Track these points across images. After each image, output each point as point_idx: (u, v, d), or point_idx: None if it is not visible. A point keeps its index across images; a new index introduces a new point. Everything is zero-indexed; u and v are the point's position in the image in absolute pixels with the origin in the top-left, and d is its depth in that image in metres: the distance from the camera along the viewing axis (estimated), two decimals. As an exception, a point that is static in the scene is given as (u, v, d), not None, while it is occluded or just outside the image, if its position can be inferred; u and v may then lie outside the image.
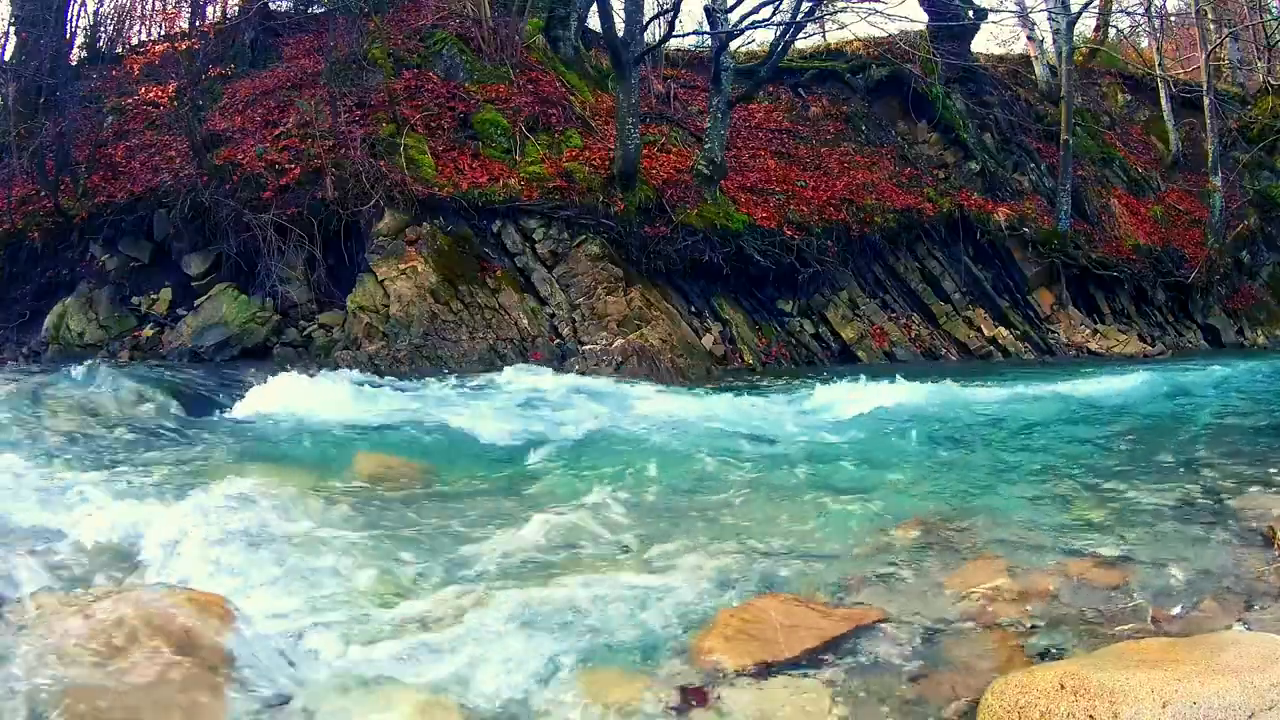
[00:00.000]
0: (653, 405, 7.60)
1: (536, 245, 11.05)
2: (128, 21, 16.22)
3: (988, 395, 8.51)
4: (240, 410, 7.21)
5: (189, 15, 16.15)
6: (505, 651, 2.90)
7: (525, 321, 10.51)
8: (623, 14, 12.22)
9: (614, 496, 4.84)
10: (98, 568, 3.48)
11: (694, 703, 2.67)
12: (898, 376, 9.04)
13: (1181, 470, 5.24)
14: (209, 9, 16.47)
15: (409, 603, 3.31)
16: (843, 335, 12.92)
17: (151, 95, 12.87)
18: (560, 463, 5.76)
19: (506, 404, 7.58)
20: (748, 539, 4.08)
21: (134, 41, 15.99)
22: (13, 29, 13.14)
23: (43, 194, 11.60)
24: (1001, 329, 14.06)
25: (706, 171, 12.41)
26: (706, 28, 13.56)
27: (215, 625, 2.64)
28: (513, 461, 5.84)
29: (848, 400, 8.00)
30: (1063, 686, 2.32)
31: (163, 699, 2.36)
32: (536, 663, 2.84)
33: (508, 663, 2.83)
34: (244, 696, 2.47)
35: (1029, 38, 18.75)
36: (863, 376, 9.36)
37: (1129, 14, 23.64)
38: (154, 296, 11.23)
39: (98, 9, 19.27)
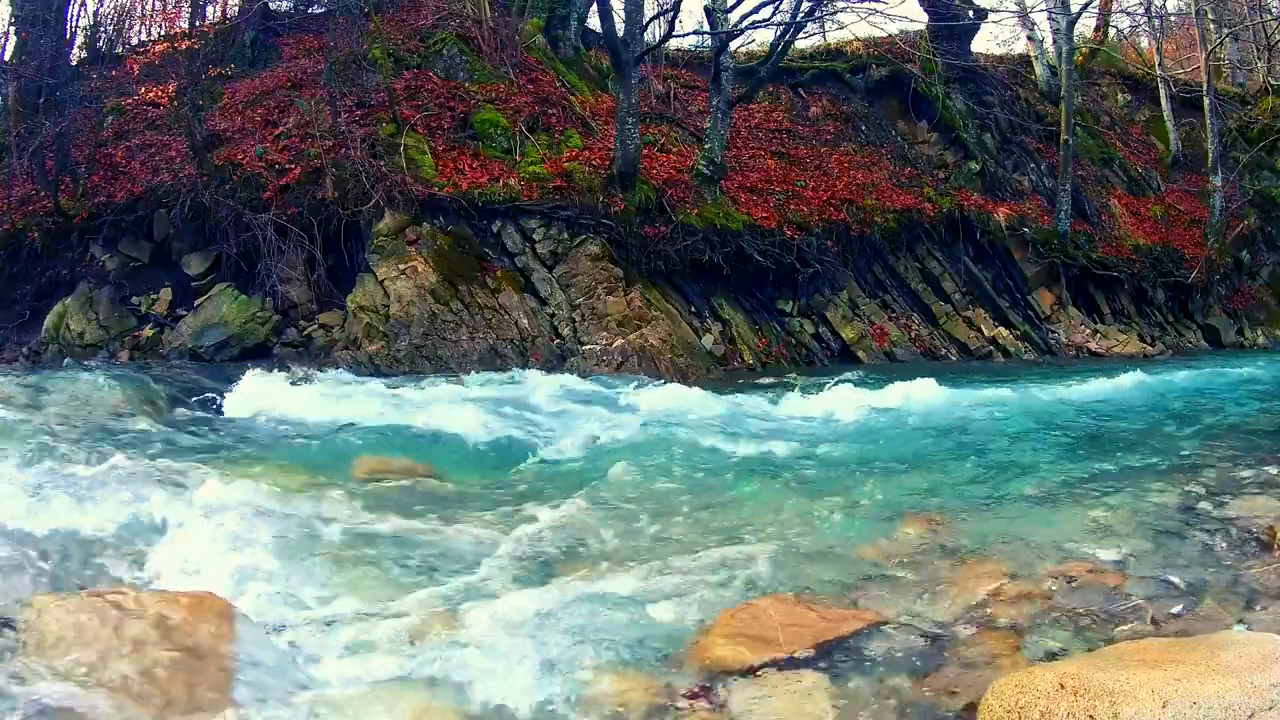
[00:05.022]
0: (652, 406, 7.60)
1: (536, 245, 11.05)
2: (128, 21, 16.23)
3: (988, 396, 8.50)
4: (240, 410, 7.21)
5: (189, 15, 16.18)
6: (505, 652, 2.90)
7: (525, 321, 10.51)
8: (623, 14, 12.22)
9: (613, 497, 4.85)
10: (98, 569, 3.48)
11: (694, 702, 2.67)
12: (898, 377, 9.03)
13: (1181, 471, 5.24)
14: (209, 9, 16.51)
15: (409, 604, 3.31)
16: (843, 335, 12.92)
17: (151, 95, 12.88)
18: (559, 463, 5.76)
19: (505, 404, 7.57)
20: (747, 539, 4.08)
21: (134, 41, 16.00)
22: (13, 29, 13.14)
23: (43, 194, 11.59)
24: (1002, 329, 14.06)
25: (706, 171, 12.41)
26: (706, 28, 13.55)
27: (216, 626, 2.65)
28: (512, 462, 5.84)
29: (848, 401, 8.00)
30: (1063, 686, 2.32)
31: (164, 699, 2.36)
32: (537, 663, 2.84)
33: (508, 663, 2.83)
34: (245, 697, 2.47)
35: (1029, 38, 18.75)
36: (863, 377, 9.36)
37: (1129, 14, 23.66)
38: (154, 296, 11.23)
39: (98, 9, 19.29)
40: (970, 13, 16.54)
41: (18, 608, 2.63)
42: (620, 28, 11.75)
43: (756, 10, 13.47)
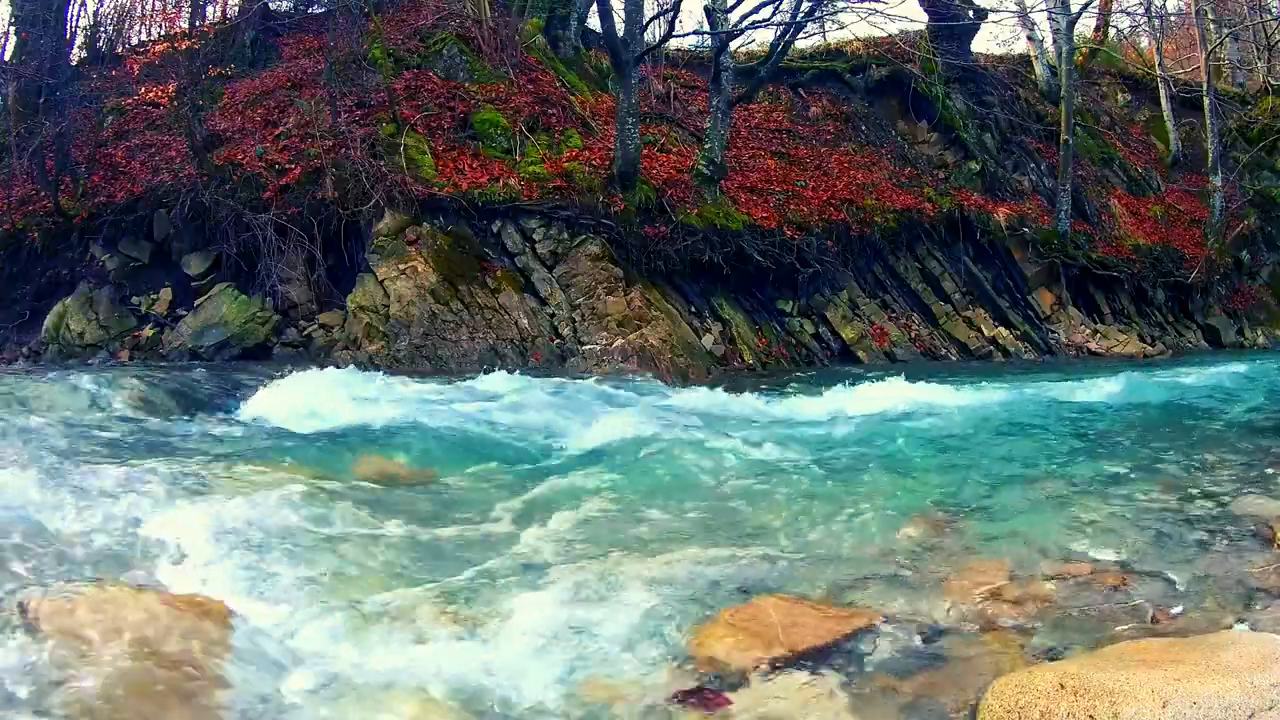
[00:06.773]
0: (652, 406, 7.60)
1: (536, 245, 11.05)
2: (128, 21, 16.23)
3: (987, 396, 8.50)
4: (240, 411, 7.21)
5: (189, 15, 16.18)
6: (506, 653, 2.90)
7: (525, 322, 10.51)
8: (623, 14, 12.22)
9: (612, 497, 4.85)
10: (97, 569, 3.48)
11: (694, 703, 2.67)
12: (897, 377, 9.03)
13: (1181, 471, 5.24)
14: (209, 9, 16.52)
15: (408, 604, 3.31)
16: (843, 335, 12.92)
17: (151, 95, 12.88)
18: (560, 464, 5.76)
19: (505, 405, 7.57)
20: (748, 539, 4.08)
21: (134, 41, 15.99)
22: (13, 29, 13.14)
23: (43, 194, 11.59)
24: (1001, 329, 14.06)
25: (706, 171, 12.41)
26: (706, 28, 13.55)
27: (214, 627, 2.65)
28: (513, 463, 5.83)
29: (848, 401, 8.00)
30: (1063, 686, 2.32)
31: (162, 701, 2.36)
32: (537, 664, 2.84)
33: (508, 664, 2.83)
34: (244, 698, 2.47)
35: (1029, 38, 18.75)
36: (862, 377, 9.36)
37: (1129, 14, 23.68)
38: (154, 296, 11.23)
39: (98, 9, 19.29)
40: (970, 13, 16.54)
41: (18, 605, 2.63)
42: (620, 28, 11.75)
43: (756, 10, 13.47)
